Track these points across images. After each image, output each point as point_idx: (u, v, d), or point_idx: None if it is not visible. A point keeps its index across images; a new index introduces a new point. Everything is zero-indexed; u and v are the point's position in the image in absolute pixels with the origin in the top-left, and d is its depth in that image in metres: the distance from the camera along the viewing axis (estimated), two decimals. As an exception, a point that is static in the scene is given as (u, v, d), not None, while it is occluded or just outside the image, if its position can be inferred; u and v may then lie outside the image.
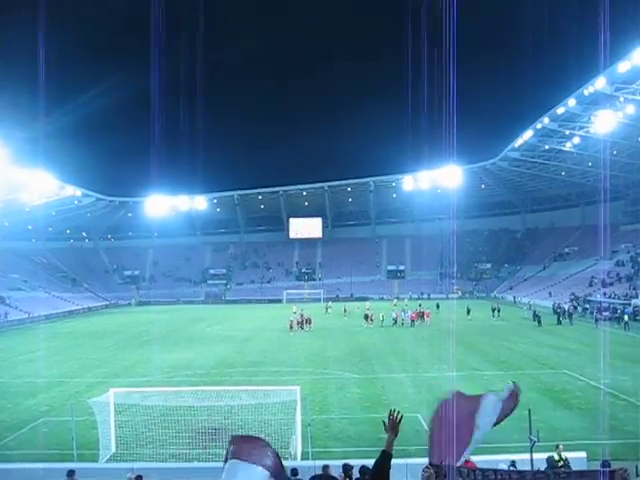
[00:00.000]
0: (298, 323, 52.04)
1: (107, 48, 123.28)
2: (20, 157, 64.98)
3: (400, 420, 4.63)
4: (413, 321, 53.90)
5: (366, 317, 54.68)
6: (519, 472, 4.67)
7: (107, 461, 18.11)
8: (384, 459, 4.37)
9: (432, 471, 4.97)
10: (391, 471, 5.03)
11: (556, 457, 13.42)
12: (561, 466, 12.60)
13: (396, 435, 4.53)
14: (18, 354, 42.31)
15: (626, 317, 48.59)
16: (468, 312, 57.68)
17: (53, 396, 27.36)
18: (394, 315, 54.97)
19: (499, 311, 58.42)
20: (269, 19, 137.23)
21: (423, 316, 55.75)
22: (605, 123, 58.97)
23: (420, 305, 62.83)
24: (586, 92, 55.09)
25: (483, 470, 4.77)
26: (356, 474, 10.39)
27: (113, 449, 18.90)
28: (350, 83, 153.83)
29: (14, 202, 78.75)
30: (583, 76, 54.99)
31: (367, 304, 68.17)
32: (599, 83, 52.30)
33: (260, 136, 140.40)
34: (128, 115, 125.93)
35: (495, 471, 4.72)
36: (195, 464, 17.38)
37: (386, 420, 4.71)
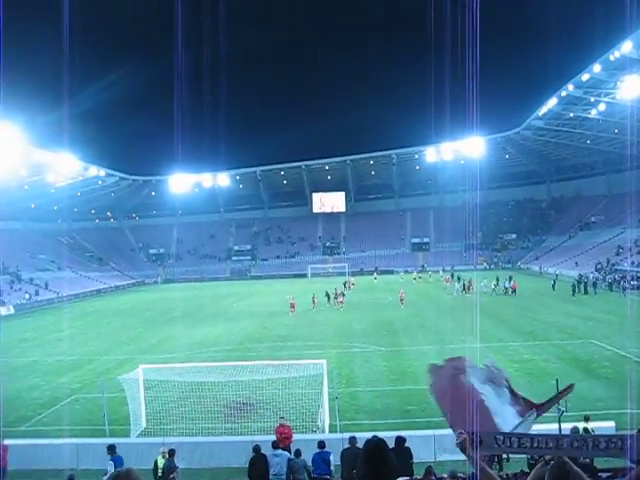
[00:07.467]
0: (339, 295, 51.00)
1: (130, 30, 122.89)
2: (44, 139, 65.60)
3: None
4: (514, 290, 53.66)
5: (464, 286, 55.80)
6: (557, 439, 4.53)
7: (138, 436, 18.45)
8: None
9: (466, 435, 4.85)
10: (419, 442, 4.94)
11: (580, 428, 13.20)
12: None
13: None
14: (48, 333, 43.08)
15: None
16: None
17: (84, 373, 27.87)
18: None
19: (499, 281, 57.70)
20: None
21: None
22: (632, 88, 57.48)
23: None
24: (612, 57, 53.69)
25: (519, 436, 4.65)
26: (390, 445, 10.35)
27: (144, 424, 19.23)
28: (371, 55, 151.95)
29: (39, 184, 79.67)
30: (608, 41, 53.58)
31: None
32: (625, 47, 50.95)
33: (281, 111, 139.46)
34: (150, 95, 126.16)
35: (532, 438, 4.59)
36: (224, 438, 17.60)
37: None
